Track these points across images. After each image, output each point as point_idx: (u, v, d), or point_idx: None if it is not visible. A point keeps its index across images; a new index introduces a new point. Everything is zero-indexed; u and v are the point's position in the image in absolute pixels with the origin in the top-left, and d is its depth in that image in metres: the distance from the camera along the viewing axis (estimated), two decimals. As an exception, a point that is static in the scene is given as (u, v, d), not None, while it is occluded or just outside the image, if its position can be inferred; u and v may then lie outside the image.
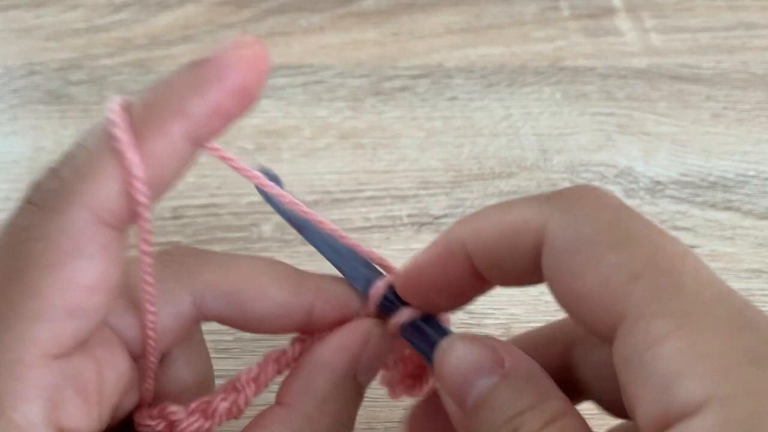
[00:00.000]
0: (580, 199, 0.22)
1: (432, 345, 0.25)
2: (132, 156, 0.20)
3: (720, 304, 0.19)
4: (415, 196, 0.43)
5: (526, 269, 0.23)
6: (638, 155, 0.45)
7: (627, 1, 0.54)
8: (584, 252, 0.21)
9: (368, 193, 0.43)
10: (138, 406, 0.26)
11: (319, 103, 0.48)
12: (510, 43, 0.51)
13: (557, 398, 0.22)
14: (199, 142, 0.21)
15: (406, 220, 0.42)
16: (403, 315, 0.26)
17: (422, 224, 0.42)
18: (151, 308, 0.24)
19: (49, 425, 0.21)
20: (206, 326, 0.35)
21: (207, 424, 0.26)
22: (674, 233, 0.42)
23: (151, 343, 0.24)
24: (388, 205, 0.43)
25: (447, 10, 0.53)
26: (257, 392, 0.27)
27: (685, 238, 0.41)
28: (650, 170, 0.44)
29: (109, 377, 0.23)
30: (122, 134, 0.20)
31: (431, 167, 0.45)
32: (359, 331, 0.26)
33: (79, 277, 0.20)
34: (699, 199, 0.43)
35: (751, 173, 0.44)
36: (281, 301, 0.26)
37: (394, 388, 0.29)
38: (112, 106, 0.21)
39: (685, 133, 0.46)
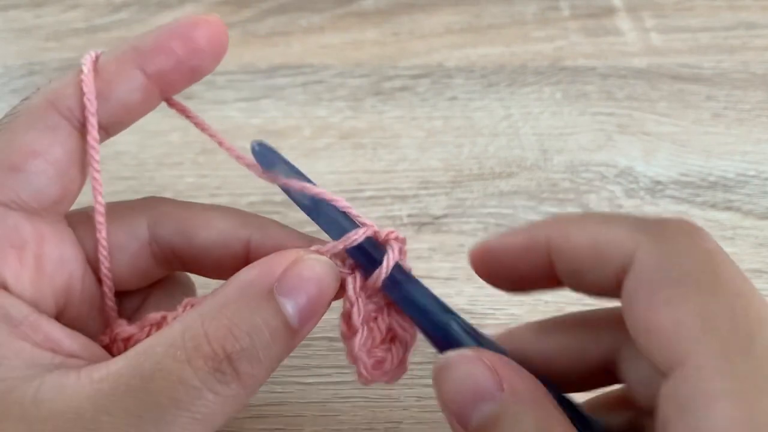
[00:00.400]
0: (677, 233, 0.23)
1: (410, 299, 0.27)
2: (87, 69, 0.26)
3: None
4: (415, 196, 0.43)
5: (605, 284, 0.24)
6: (638, 155, 0.45)
7: (627, 1, 0.54)
8: (667, 288, 0.22)
9: (368, 193, 0.43)
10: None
11: (319, 103, 0.48)
12: (510, 43, 0.51)
13: (559, 423, 0.23)
14: (149, 73, 0.27)
15: (406, 220, 0.42)
16: (384, 266, 0.26)
17: (422, 224, 0.42)
18: (99, 198, 0.28)
19: None
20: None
21: (139, 333, 0.28)
22: (674, 233, 0.42)
23: (103, 252, 0.28)
24: (389, 205, 0.43)
25: (447, 10, 0.53)
26: None
27: (686, 238, 0.41)
28: (650, 170, 0.44)
29: (51, 255, 0.27)
30: (85, 61, 0.27)
31: (431, 167, 0.45)
32: (283, 253, 0.26)
33: (23, 142, 0.26)
34: (699, 199, 0.43)
35: (752, 173, 0.44)
36: (223, 230, 0.28)
37: (363, 362, 0.27)
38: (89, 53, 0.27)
39: (686, 133, 0.46)
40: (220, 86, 0.48)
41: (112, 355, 0.27)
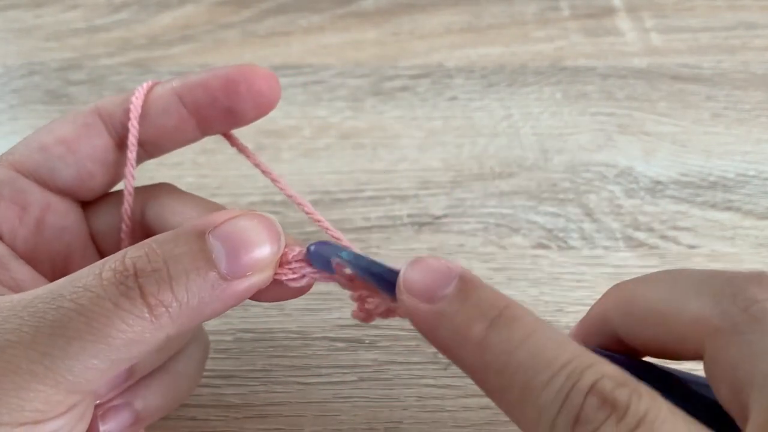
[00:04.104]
0: (761, 316, 0.22)
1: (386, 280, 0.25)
2: (139, 91, 0.30)
3: None
4: (415, 196, 0.43)
5: (683, 353, 0.24)
6: (638, 155, 0.45)
7: (627, 1, 0.54)
8: (752, 390, 0.21)
9: (368, 193, 0.43)
10: None
11: (319, 103, 0.48)
12: (510, 43, 0.51)
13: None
14: (185, 102, 0.29)
15: (406, 220, 0.42)
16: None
17: (422, 224, 0.42)
18: (129, 193, 0.30)
19: None
20: (207, 327, 0.35)
21: None
22: (674, 233, 0.42)
23: (125, 229, 0.30)
24: (389, 205, 0.43)
25: (447, 10, 0.53)
26: None
27: (686, 238, 0.41)
28: (650, 170, 0.44)
29: (53, 222, 0.29)
30: (141, 86, 0.30)
31: (431, 167, 0.45)
32: (230, 210, 0.26)
33: (58, 131, 0.29)
34: (699, 199, 0.43)
35: (752, 173, 0.44)
36: (187, 218, 0.29)
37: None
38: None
39: (686, 133, 0.46)
40: (220, 86, 0.48)
41: None
